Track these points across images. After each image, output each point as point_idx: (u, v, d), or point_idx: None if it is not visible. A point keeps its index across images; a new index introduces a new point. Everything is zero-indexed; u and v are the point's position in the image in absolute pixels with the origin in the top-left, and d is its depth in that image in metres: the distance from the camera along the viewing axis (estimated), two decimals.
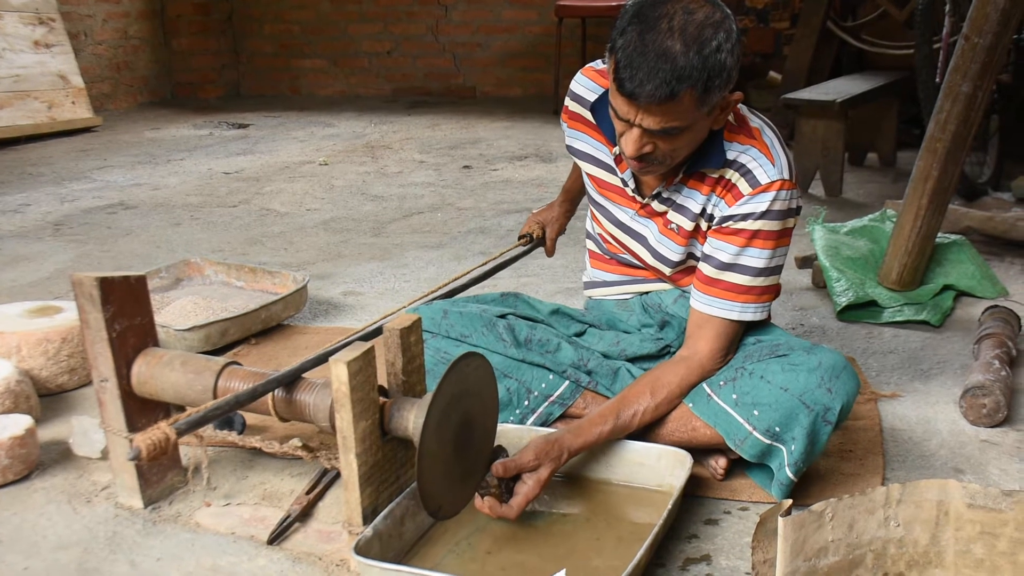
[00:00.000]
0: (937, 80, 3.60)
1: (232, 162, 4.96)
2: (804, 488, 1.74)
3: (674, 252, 1.83)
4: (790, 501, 1.32)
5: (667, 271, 1.87)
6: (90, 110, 5.81)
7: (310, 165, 4.86)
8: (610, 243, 1.97)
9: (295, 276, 2.72)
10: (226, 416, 1.74)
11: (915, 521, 1.36)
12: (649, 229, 1.86)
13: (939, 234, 2.77)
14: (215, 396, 1.65)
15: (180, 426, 1.47)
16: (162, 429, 1.45)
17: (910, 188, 2.67)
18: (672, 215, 1.80)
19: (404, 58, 7.25)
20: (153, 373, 1.67)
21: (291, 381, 1.64)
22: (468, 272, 2.18)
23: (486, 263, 2.23)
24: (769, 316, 1.92)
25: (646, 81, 1.51)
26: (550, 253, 2.34)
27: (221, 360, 1.70)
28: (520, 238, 2.32)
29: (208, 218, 3.84)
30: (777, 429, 1.65)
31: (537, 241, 2.31)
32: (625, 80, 1.53)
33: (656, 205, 1.82)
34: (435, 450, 1.46)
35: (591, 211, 2.00)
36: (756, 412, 1.66)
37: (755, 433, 1.66)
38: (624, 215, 1.88)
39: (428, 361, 1.75)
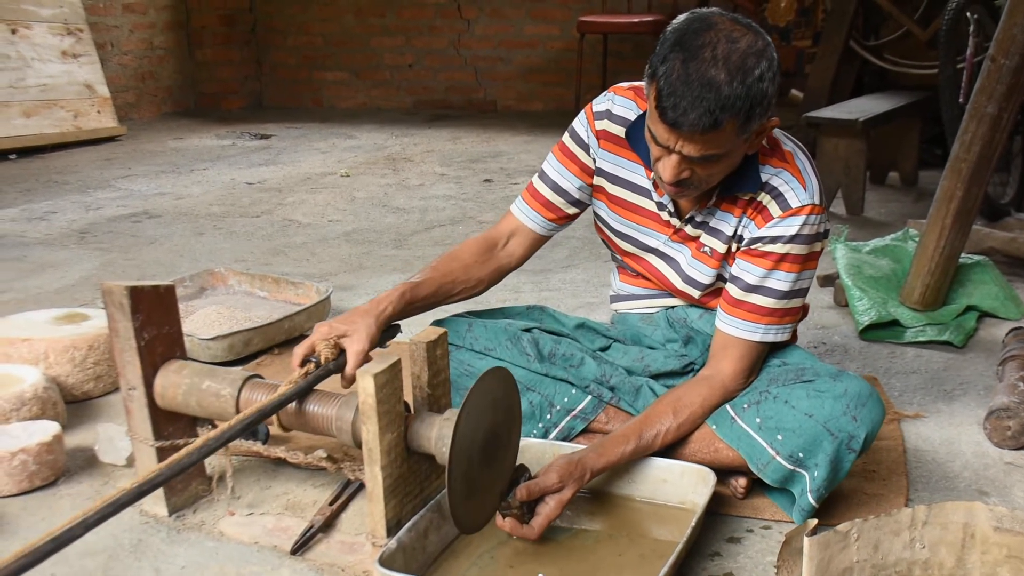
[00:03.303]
0: (960, 100, 3.59)
1: (254, 172, 4.99)
2: (828, 508, 1.74)
3: (706, 276, 1.82)
4: (815, 521, 1.32)
5: (696, 294, 1.86)
6: (115, 119, 5.88)
7: (332, 176, 4.89)
8: (640, 263, 1.95)
9: (318, 287, 2.74)
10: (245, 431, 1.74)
11: (941, 543, 1.36)
12: (682, 254, 1.85)
13: (962, 254, 2.76)
14: (237, 410, 1.66)
15: None
16: None
17: (934, 208, 2.67)
18: (706, 238, 1.80)
19: (426, 71, 7.29)
20: (174, 387, 1.68)
21: (306, 394, 1.64)
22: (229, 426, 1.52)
23: (238, 420, 1.53)
24: (796, 336, 1.92)
25: (689, 110, 1.50)
26: (349, 382, 1.66)
27: (242, 373, 1.71)
28: (302, 364, 1.63)
29: (231, 228, 3.87)
30: (800, 455, 1.64)
31: (325, 367, 1.62)
32: (668, 109, 1.52)
33: (689, 229, 1.81)
34: (463, 465, 1.46)
35: (610, 241, 1.96)
36: (780, 437, 1.65)
37: (778, 458, 1.66)
38: (656, 241, 1.87)
39: (452, 373, 1.76)
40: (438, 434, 1.53)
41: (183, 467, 1.43)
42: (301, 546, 1.64)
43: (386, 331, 1.76)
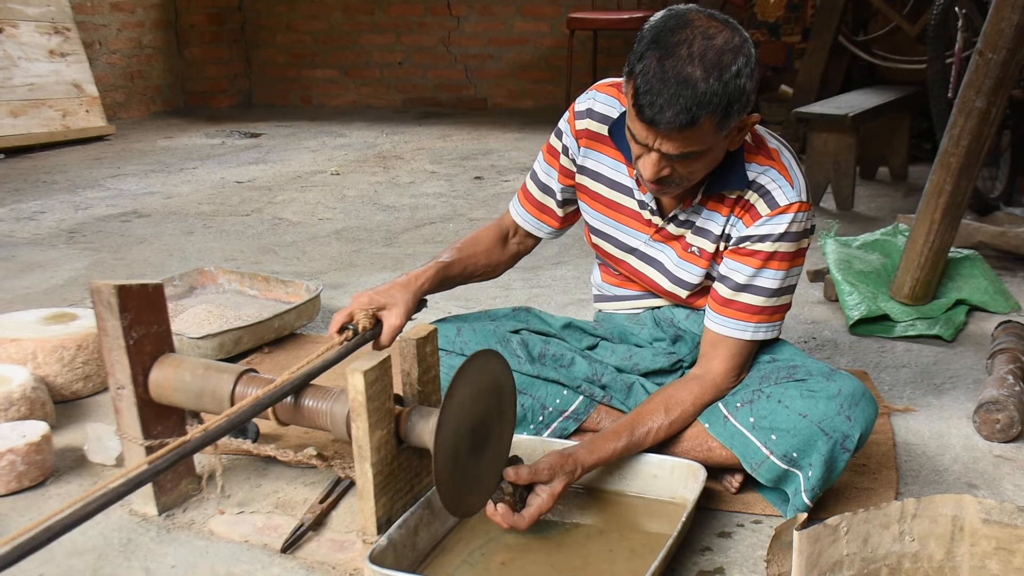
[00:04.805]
0: (949, 95, 3.61)
1: (244, 171, 4.98)
2: (818, 501, 1.74)
3: (694, 276, 1.81)
4: (805, 515, 1.32)
5: (684, 295, 1.85)
6: (104, 119, 5.85)
7: (322, 175, 4.88)
8: (621, 266, 1.95)
9: (308, 285, 2.73)
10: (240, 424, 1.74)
11: (930, 536, 1.36)
12: (666, 254, 1.84)
13: (951, 249, 2.77)
14: (232, 403, 1.65)
15: None
16: None
17: (923, 203, 2.67)
18: (692, 238, 1.79)
19: (415, 69, 7.28)
20: (171, 379, 1.67)
21: (300, 388, 1.64)
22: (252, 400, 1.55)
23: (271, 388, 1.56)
24: (780, 331, 1.92)
25: (666, 108, 1.50)
26: (385, 344, 1.73)
27: (238, 367, 1.70)
28: (340, 331, 1.71)
29: (221, 227, 3.85)
30: (794, 455, 1.64)
31: (362, 336, 1.69)
32: (645, 107, 1.52)
33: (672, 228, 1.80)
34: (450, 450, 1.46)
35: (592, 242, 1.96)
36: (774, 437, 1.66)
37: (772, 458, 1.66)
38: (636, 241, 1.86)
39: (443, 379, 1.75)
40: (431, 428, 1.53)
41: (231, 426, 1.45)
42: (291, 544, 1.63)
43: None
